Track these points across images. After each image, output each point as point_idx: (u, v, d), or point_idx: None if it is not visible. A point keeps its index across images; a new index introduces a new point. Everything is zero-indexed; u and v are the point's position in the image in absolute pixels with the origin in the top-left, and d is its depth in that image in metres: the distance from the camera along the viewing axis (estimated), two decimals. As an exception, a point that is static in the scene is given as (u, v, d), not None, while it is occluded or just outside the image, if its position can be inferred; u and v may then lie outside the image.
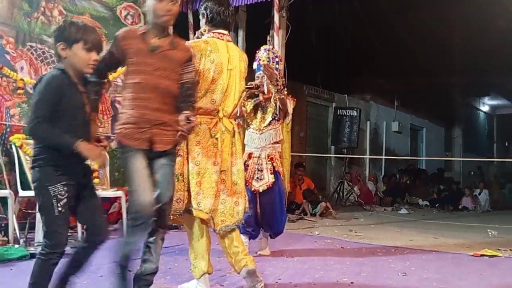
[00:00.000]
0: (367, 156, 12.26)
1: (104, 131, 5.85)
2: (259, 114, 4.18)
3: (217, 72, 2.82)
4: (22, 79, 5.03)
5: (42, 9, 5.31)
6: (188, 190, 2.81)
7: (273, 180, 4.05)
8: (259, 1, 6.61)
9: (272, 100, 4.05)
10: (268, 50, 4.26)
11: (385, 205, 11.11)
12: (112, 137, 5.89)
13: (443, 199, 11.95)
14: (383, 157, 12.81)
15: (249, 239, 4.21)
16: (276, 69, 4.14)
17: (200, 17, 3.03)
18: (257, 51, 4.32)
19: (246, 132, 4.24)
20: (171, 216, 2.83)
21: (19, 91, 5.04)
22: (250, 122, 4.22)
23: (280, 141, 4.21)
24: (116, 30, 6.01)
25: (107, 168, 5.60)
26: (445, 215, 10.15)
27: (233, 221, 2.92)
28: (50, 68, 5.34)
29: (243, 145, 3.98)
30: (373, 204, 10.94)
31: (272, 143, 4.14)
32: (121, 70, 6.03)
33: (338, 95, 12.03)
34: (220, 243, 3.00)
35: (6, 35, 4.99)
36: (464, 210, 11.36)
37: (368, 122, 12.92)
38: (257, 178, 4.10)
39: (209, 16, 2.93)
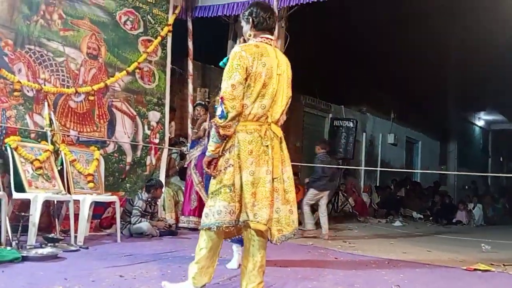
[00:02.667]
0: (363, 168, 12.28)
1: (100, 136, 5.84)
2: None
3: (268, 77, 2.77)
4: (19, 82, 5.02)
5: (42, 12, 5.31)
6: (240, 201, 2.72)
7: None
8: (258, 11, 6.62)
9: None
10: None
11: (379, 217, 11.12)
12: (108, 142, 5.90)
13: (437, 213, 11.98)
14: (378, 168, 12.83)
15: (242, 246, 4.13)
16: None
17: (244, 23, 3.00)
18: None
19: None
20: (219, 228, 2.73)
21: (16, 93, 5.03)
22: None
23: None
24: (115, 35, 6.15)
25: (102, 173, 5.60)
26: (439, 228, 10.17)
27: (290, 230, 2.82)
28: (48, 70, 5.33)
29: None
30: (368, 215, 10.94)
31: None
32: (119, 75, 6.06)
33: (335, 106, 12.07)
34: (246, 253, 2.86)
35: (5, 37, 4.98)
36: (458, 224, 11.38)
37: (364, 134, 12.95)
38: None
39: (255, 21, 2.90)
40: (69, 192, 5.00)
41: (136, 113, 6.29)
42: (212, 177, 2.82)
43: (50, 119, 5.20)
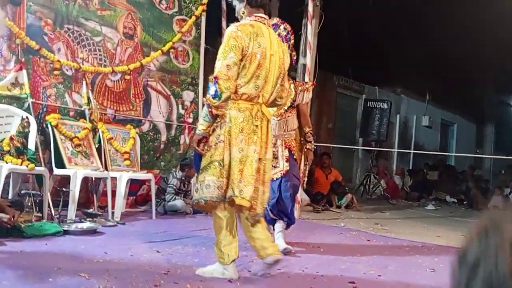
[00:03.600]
0: (395, 150, 12.10)
1: (136, 114, 5.94)
2: None
3: (263, 57, 2.79)
4: (59, 61, 5.14)
5: (80, -8, 5.39)
6: (227, 177, 2.79)
7: (287, 168, 3.88)
8: (293, -11, 6.55)
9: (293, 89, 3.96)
10: (278, 27, 3.86)
11: (411, 200, 10.98)
12: (143, 121, 5.99)
13: (472, 197, 11.73)
14: (412, 151, 12.62)
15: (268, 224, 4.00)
16: (289, 47, 3.83)
17: (236, 1, 2.99)
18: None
19: None
20: (207, 202, 2.82)
21: (56, 72, 5.16)
22: None
23: (296, 128, 4.06)
24: (151, 15, 6.20)
25: (138, 151, 5.71)
26: (473, 213, 9.97)
27: (262, 209, 2.95)
28: (86, 50, 5.43)
29: None
30: (399, 198, 10.83)
31: (289, 131, 3.98)
32: (154, 54, 6.10)
33: (369, 87, 11.88)
34: (244, 228, 3.00)
35: (45, 17, 5.08)
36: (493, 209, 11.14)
37: (398, 116, 12.74)
38: (273, 165, 3.80)
39: (250, 1, 2.90)
40: (106, 169, 5.13)
41: (171, 92, 6.36)
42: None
43: (88, 98, 5.31)
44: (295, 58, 3.98)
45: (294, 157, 3.98)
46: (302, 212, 6.44)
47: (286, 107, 3.93)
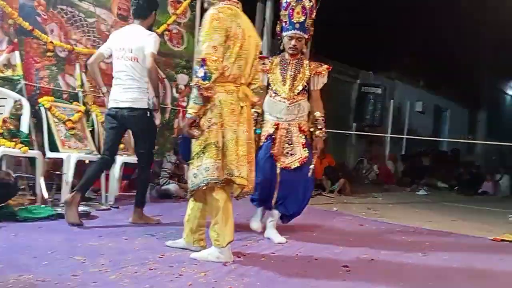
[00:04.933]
0: (388, 135, 12.14)
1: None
2: (288, 81, 3.74)
3: (243, 38, 2.85)
4: (52, 42, 5.07)
5: (73, -28, 5.30)
6: (222, 159, 2.81)
7: (307, 154, 3.66)
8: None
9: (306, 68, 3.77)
10: None
11: (403, 185, 11.07)
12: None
13: (463, 183, 11.84)
14: (405, 136, 12.67)
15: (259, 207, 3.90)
16: (310, 22, 3.75)
17: None
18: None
19: (268, 98, 3.80)
20: (208, 185, 2.82)
21: (49, 54, 5.10)
22: (276, 89, 3.77)
23: (309, 113, 3.81)
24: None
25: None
26: (464, 198, 10.06)
27: (250, 188, 2.98)
28: (80, 31, 5.36)
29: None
30: (392, 183, 10.90)
31: (301, 115, 3.75)
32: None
33: (363, 72, 11.86)
34: (194, 207, 3.03)
35: (37, -3, 5.01)
36: (484, 194, 11.25)
37: (392, 101, 12.75)
38: (287, 153, 3.69)
39: None
40: (100, 152, 5.10)
41: (165, 75, 6.31)
42: (194, 139, 2.86)
43: (82, 80, 5.27)
44: (311, 33, 3.85)
45: (309, 142, 3.75)
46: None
47: (298, 91, 3.73)
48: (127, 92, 3.85)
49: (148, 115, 3.90)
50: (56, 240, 3.16)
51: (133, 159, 5.36)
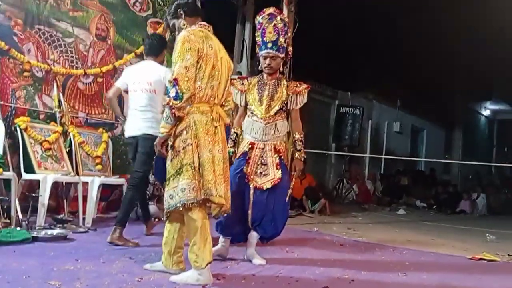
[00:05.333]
0: (367, 155, 12.27)
1: (108, 118, 5.84)
2: (264, 101, 3.70)
3: (215, 59, 2.91)
4: (28, 62, 5.02)
5: (52, -8, 5.28)
6: (199, 179, 2.82)
7: (280, 176, 3.62)
8: (268, -6, 6.56)
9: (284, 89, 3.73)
10: (274, 17, 3.73)
11: (382, 205, 11.14)
12: (116, 125, 5.90)
13: (441, 202, 11.99)
14: (383, 156, 12.82)
15: (232, 242, 3.78)
16: (285, 40, 3.73)
17: (173, 21, 3.09)
18: (260, 15, 3.79)
19: (246, 118, 3.79)
20: (185, 205, 2.81)
21: (26, 74, 5.03)
22: (253, 109, 3.74)
23: (287, 133, 3.81)
24: (124, 16, 6.11)
25: (110, 155, 5.61)
26: (442, 217, 10.17)
27: (228, 207, 2.99)
28: (57, 51, 5.32)
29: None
30: (371, 203, 10.97)
31: (277, 135, 3.72)
32: (127, 57, 6.03)
33: (342, 93, 12.02)
34: (171, 229, 3.02)
35: (14, 16, 4.96)
36: (461, 213, 11.40)
37: (370, 121, 12.92)
38: (261, 173, 3.65)
39: (186, 12, 3.02)
40: (77, 173, 5.02)
41: (144, 96, 6.27)
42: (169, 160, 2.88)
43: (59, 100, 5.21)
44: (291, 53, 3.85)
45: (284, 163, 3.72)
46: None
47: (275, 111, 3.69)
48: (144, 121, 4.13)
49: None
50: (31, 264, 3.07)
51: (111, 180, 5.31)
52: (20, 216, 4.20)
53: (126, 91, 4.39)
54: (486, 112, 19.41)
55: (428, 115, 15.76)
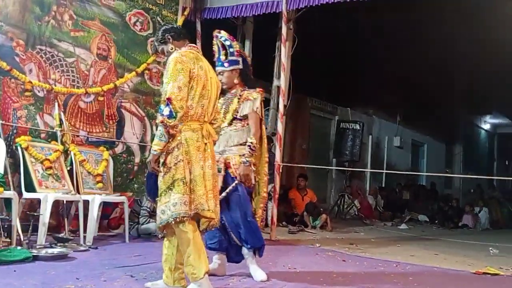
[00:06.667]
0: (368, 170, 12.26)
1: (109, 136, 5.86)
2: (222, 114, 3.71)
3: (205, 79, 3.01)
4: (30, 82, 5.05)
5: (53, 13, 5.34)
6: (190, 194, 2.87)
7: (228, 191, 3.60)
8: (267, 12, 6.65)
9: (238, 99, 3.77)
10: (216, 37, 3.87)
11: (384, 220, 11.10)
12: (116, 143, 5.92)
13: (443, 216, 11.94)
14: (384, 171, 12.82)
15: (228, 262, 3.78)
16: (232, 53, 3.80)
17: (162, 46, 3.18)
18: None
19: None
20: (176, 219, 2.84)
21: (27, 93, 5.07)
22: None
23: (244, 143, 3.69)
24: (125, 36, 6.18)
25: (111, 173, 5.62)
26: (445, 231, 10.13)
27: (217, 221, 3.05)
28: (59, 71, 5.37)
29: None
30: (373, 218, 10.92)
31: (232, 146, 3.70)
32: (128, 76, 6.08)
33: (341, 108, 12.07)
34: (170, 245, 3.06)
35: (16, 37, 5.01)
36: (464, 227, 11.34)
37: (370, 136, 12.94)
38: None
39: (173, 36, 3.13)
40: (78, 192, 5.02)
41: (145, 114, 6.32)
42: (161, 177, 2.93)
43: (60, 119, 5.23)
44: (248, 58, 4.08)
45: (232, 175, 3.64)
46: (277, 233, 6.42)
47: (228, 121, 3.72)
48: None
49: None
50: (32, 284, 3.06)
51: (112, 198, 5.31)
52: (21, 235, 4.19)
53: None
54: (486, 126, 19.42)
55: (428, 129, 15.78)
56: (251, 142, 3.66)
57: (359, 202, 11.15)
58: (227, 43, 3.83)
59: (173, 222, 2.86)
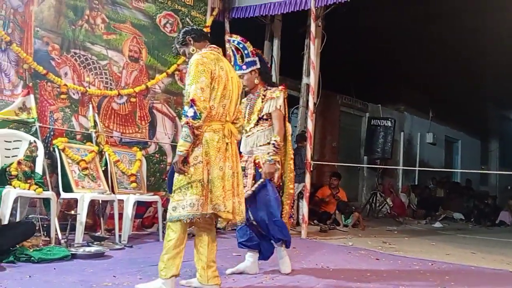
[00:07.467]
0: (401, 167, 12.07)
1: (142, 137, 5.96)
2: (246, 116, 3.85)
3: (226, 79, 3.03)
4: (65, 85, 5.19)
5: (86, 17, 5.47)
6: (206, 195, 2.89)
7: (254, 188, 3.70)
8: (295, 10, 6.62)
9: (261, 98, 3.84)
10: (229, 42, 3.97)
11: (418, 218, 10.90)
12: (149, 143, 6.01)
13: (479, 214, 11.64)
14: (417, 168, 12.59)
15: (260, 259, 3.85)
16: (247, 55, 3.87)
17: (183, 49, 3.22)
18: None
19: None
20: (192, 220, 2.89)
21: (62, 96, 5.21)
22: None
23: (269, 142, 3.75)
24: (156, 38, 6.27)
25: (144, 173, 5.71)
26: (481, 229, 9.88)
27: (239, 219, 3.05)
28: (92, 74, 5.50)
29: None
30: (406, 216, 10.75)
31: (259, 146, 3.79)
32: (159, 77, 6.16)
33: (372, 105, 11.92)
34: (202, 243, 3.07)
35: (52, 42, 5.16)
36: (501, 225, 11.03)
37: (402, 133, 12.73)
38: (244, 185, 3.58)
39: (195, 38, 3.16)
40: (113, 191, 5.13)
41: (176, 114, 6.39)
42: (177, 174, 2.93)
43: (95, 121, 5.35)
44: (264, 56, 4.09)
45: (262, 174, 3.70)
46: (309, 232, 6.39)
47: (253, 122, 3.81)
48: None
49: None
50: (71, 281, 3.14)
51: (145, 197, 5.40)
52: (59, 234, 4.32)
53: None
54: (524, 121, 18.85)
55: (462, 125, 15.41)
56: (275, 141, 3.71)
57: (391, 200, 10.98)
58: (241, 45, 3.89)
59: (187, 221, 2.89)
